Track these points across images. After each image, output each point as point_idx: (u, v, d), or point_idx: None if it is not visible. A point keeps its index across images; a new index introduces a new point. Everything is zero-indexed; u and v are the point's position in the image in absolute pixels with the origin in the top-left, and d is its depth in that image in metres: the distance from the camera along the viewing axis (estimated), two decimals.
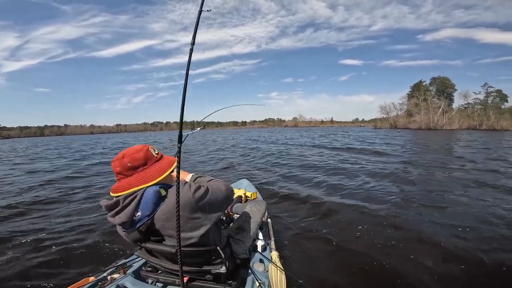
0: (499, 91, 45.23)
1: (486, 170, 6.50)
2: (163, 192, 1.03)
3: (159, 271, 1.29)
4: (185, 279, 1.16)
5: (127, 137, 42.80)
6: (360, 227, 3.06)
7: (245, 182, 3.26)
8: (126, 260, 1.53)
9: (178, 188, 0.86)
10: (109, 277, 1.32)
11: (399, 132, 32.88)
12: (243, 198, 2.35)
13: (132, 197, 1.00)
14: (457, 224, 3.07)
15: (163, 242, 1.11)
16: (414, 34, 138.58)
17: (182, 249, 0.93)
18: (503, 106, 45.04)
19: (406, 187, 4.87)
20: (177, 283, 1.20)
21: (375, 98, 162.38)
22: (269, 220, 2.36)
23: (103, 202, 1.02)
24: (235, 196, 2.36)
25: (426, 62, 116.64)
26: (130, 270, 1.36)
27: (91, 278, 1.34)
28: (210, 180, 1.23)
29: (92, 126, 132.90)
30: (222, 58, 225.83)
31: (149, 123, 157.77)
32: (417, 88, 49.97)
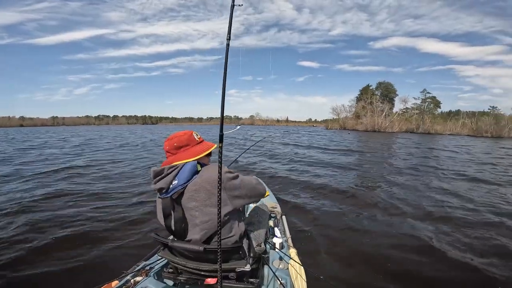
0: (433, 98, 49.85)
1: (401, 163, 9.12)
2: (199, 167, 1.20)
3: (180, 272, 1.28)
4: (212, 280, 1.17)
5: (48, 132, 36.55)
6: (378, 222, 3.31)
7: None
8: (147, 262, 1.52)
9: (220, 185, 0.96)
10: (132, 280, 1.32)
11: (349, 133, 33.88)
12: None
13: (173, 167, 1.18)
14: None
15: (187, 214, 1.16)
16: (366, 41, 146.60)
17: (207, 247, 1.06)
18: (436, 112, 49.84)
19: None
20: (199, 283, 1.21)
21: (327, 100, 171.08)
22: (283, 217, 2.28)
23: (153, 168, 1.20)
24: None
25: (374, 68, 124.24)
26: (152, 272, 1.37)
27: (115, 282, 1.34)
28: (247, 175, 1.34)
29: (22, 118, 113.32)
30: (182, 52, 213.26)
31: (93, 116, 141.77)
32: (365, 91, 52.33)
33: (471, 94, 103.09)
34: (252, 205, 1.90)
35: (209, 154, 1.32)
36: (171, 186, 1.16)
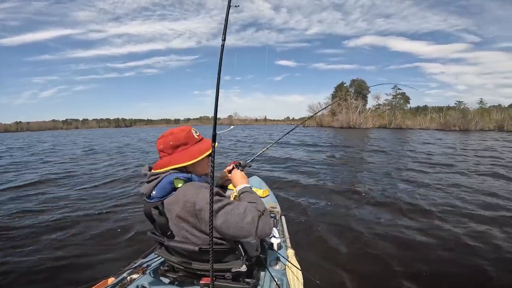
0: (403, 94, 51.26)
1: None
2: (178, 184, 1.07)
3: (177, 270, 1.28)
4: (206, 280, 1.15)
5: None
6: (375, 224, 3.22)
7: (256, 179, 3.24)
8: (144, 260, 1.53)
9: (212, 186, 0.86)
10: (128, 277, 1.32)
11: (325, 130, 33.79)
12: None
13: (154, 177, 1.11)
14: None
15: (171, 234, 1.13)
16: (341, 40, 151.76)
17: (203, 247, 1.03)
18: (406, 108, 51.40)
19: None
20: (195, 282, 1.21)
21: (304, 98, 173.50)
22: (283, 217, 2.28)
23: (143, 168, 1.19)
24: None
25: (348, 66, 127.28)
26: (148, 270, 1.38)
27: (111, 279, 1.34)
28: (253, 202, 1.10)
29: None
30: (157, 52, 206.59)
31: (60, 120, 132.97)
32: (339, 89, 53.19)
33: (437, 91, 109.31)
34: None
35: (210, 154, 1.06)
36: (151, 194, 1.12)
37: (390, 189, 5.10)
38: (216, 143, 0.88)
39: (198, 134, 1.20)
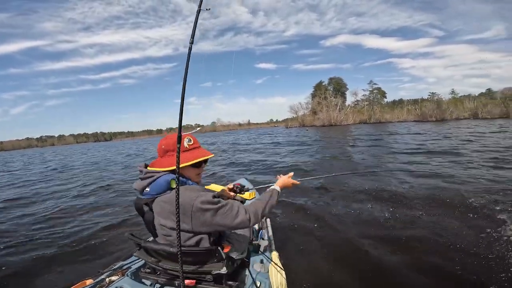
0: (379, 88, 52.28)
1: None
2: (173, 185, 1.14)
3: (158, 272, 1.27)
4: (187, 282, 1.15)
5: None
6: (358, 224, 3.17)
7: (243, 181, 3.23)
8: (125, 262, 1.51)
9: (178, 188, 0.89)
10: (107, 279, 1.31)
11: (307, 130, 33.77)
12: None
13: (149, 175, 1.18)
14: None
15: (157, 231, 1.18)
16: (318, 40, 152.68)
17: (182, 248, 0.97)
18: (383, 102, 52.28)
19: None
20: (176, 284, 1.19)
21: (286, 99, 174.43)
22: (268, 220, 2.21)
23: (139, 165, 1.26)
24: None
25: (326, 65, 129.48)
26: (128, 272, 1.36)
27: (89, 281, 1.32)
28: (254, 204, 1.27)
29: None
30: (133, 61, 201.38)
31: (35, 138, 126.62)
32: (318, 87, 53.29)
33: (410, 84, 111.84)
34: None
35: (200, 164, 1.28)
36: (144, 191, 1.18)
37: (374, 184, 4.92)
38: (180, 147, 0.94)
39: (191, 143, 1.26)
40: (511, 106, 32.87)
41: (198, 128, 1.43)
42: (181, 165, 1.03)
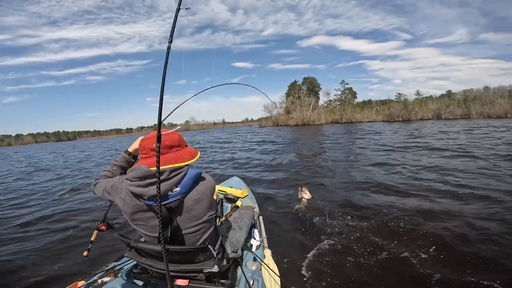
0: (350, 89, 53.18)
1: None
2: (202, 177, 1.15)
3: (150, 273, 1.26)
4: (183, 281, 1.15)
5: None
6: (350, 220, 3.19)
7: (236, 179, 3.28)
8: (117, 263, 1.50)
9: (158, 187, 0.88)
10: (99, 280, 1.30)
11: (279, 129, 33.25)
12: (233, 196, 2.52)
13: (177, 172, 1.06)
14: None
15: (184, 225, 1.11)
16: (294, 40, 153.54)
17: (176, 246, 1.07)
18: (354, 102, 53.43)
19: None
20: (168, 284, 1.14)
21: (261, 99, 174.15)
22: (260, 217, 2.27)
23: (141, 168, 1.04)
24: (226, 193, 2.56)
25: (301, 65, 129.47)
26: (121, 273, 1.36)
27: (81, 283, 1.31)
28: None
29: None
30: (102, 57, 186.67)
31: None
32: (292, 87, 53.01)
33: (378, 85, 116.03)
34: (238, 209, 1.92)
35: None
36: (170, 193, 1.05)
37: (357, 177, 5.38)
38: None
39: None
40: (472, 107, 34.88)
41: (179, 127, 1.25)
42: (196, 157, 1.15)
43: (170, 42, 0.92)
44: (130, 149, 1.41)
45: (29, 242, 3.22)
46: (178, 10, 0.95)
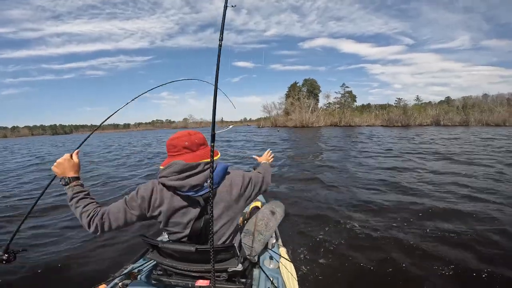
0: (350, 92, 53.24)
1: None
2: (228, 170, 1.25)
3: (171, 274, 1.26)
4: (204, 282, 1.15)
5: None
6: (368, 218, 3.21)
7: None
8: (135, 265, 1.51)
9: (212, 185, 0.91)
10: (120, 283, 1.31)
11: (278, 131, 32.98)
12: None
13: (210, 165, 1.09)
14: None
15: (215, 215, 1.16)
16: (296, 42, 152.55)
17: (199, 247, 1.06)
18: (353, 106, 53.47)
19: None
20: (190, 285, 1.18)
21: (261, 99, 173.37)
22: None
23: (179, 163, 1.10)
24: None
25: (302, 67, 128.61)
26: (140, 275, 1.36)
27: (102, 286, 1.31)
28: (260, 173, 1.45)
29: None
30: (104, 52, 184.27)
31: None
32: (292, 88, 52.97)
33: (378, 90, 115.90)
34: (264, 210, 1.83)
35: None
36: (205, 184, 1.12)
37: (362, 174, 5.74)
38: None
39: None
40: (471, 115, 35.05)
41: (231, 126, 1.45)
42: (219, 155, 1.21)
43: (221, 40, 0.97)
44: (70, 174, 1.15)
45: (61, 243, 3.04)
46: (225, 7, 0.99)
